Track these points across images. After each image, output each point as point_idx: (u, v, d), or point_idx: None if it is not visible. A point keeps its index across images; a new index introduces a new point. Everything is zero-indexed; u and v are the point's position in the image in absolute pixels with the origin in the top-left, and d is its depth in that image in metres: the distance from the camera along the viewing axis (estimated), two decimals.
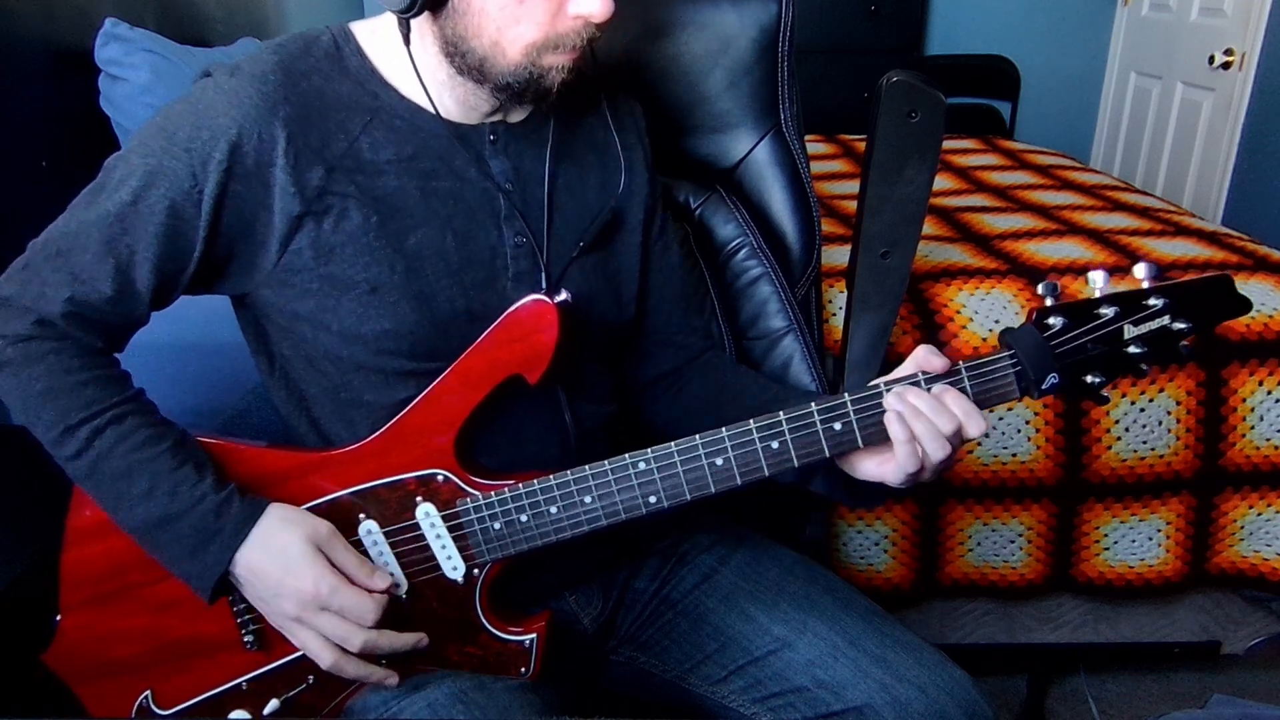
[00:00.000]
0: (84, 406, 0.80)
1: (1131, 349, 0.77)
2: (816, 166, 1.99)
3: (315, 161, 0.82)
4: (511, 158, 0.90)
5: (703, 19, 1.17)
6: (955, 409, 0.77)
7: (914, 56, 3.49)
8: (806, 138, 1.26)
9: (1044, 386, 0.77)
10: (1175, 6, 3.19)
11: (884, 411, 0.79)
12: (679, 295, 1.02)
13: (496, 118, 0.89)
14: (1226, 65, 2.87)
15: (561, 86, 0.84)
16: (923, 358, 0.80)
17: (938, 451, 0.77)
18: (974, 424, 0.77)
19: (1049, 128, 3.64)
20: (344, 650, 0.82)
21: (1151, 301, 0.76)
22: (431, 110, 0.86)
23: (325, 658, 0.82)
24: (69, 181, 0.86)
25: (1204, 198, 3.02)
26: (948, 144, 2.69)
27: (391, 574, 0.85)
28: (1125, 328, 0.77)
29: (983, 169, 2.42)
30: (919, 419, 0.77)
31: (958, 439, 0.78)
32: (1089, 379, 0.78)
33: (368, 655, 0.83)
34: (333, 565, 0.81)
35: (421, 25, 0.83)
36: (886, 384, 0.79)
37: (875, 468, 0.83)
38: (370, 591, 0.82)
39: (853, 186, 1.75)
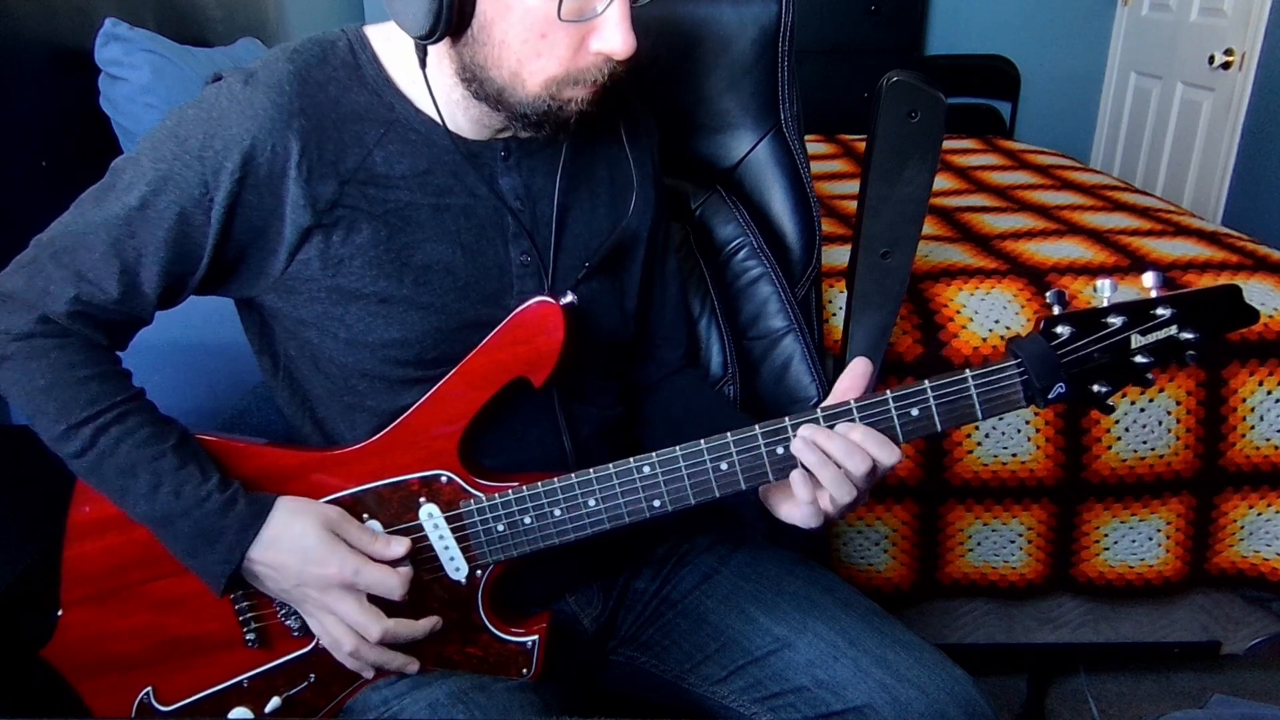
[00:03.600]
0: (88, 404, 0.80)
1: (1138, 359, 0.76)
2: (816, 166, 1.99)
3: (328, 175, 0.82)
4: (523, 175, 0.89)
5: (703, 19, 1.17)
6: (868, 446, 0.77)
7: (914, 56, 3.49)
8: (806, 138, 1.26)
9: (1050, 396, 0.77)
10: (1175, 6, 3.19)
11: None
12: (669, 304, 1.03)
13: (509, 133, 0.88)
14: (1226, 65, 2.87)
15: (579, 118, 0.83)
16: (847, 381, 0.80)
17: (843, 496, 0.78)
18: (887, 454, 0.77)
19: (1049, 128, 3.64)
20: (363, 638, 0.83)
21: (1159, 311, 0.76)
22: (444, 127, 0.85)
23: (346, 643, 0.83)
24: (69, 181, 0.86)
25: (1204, 198, 3.02)
26: (948, 144, 2.69)
27: (406, 540, 0.85)
28: (1133, 337, 0.76)
29: (983, 169, 2.42)
30: (826, 467, 0.77)
31: (872, 478, 0.78)
32: (1096, 388, 0.77)
33: (387, 642, 0.83)
34: (351, 546, 0.82)
35: (439, 48, 0.82)
36: (792, 420, 0.79)
37: (785, 509, 0.84)
38: (393, 565, 0.83)
39: (853, 186, 1.75)
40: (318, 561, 0.80)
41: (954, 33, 3.65)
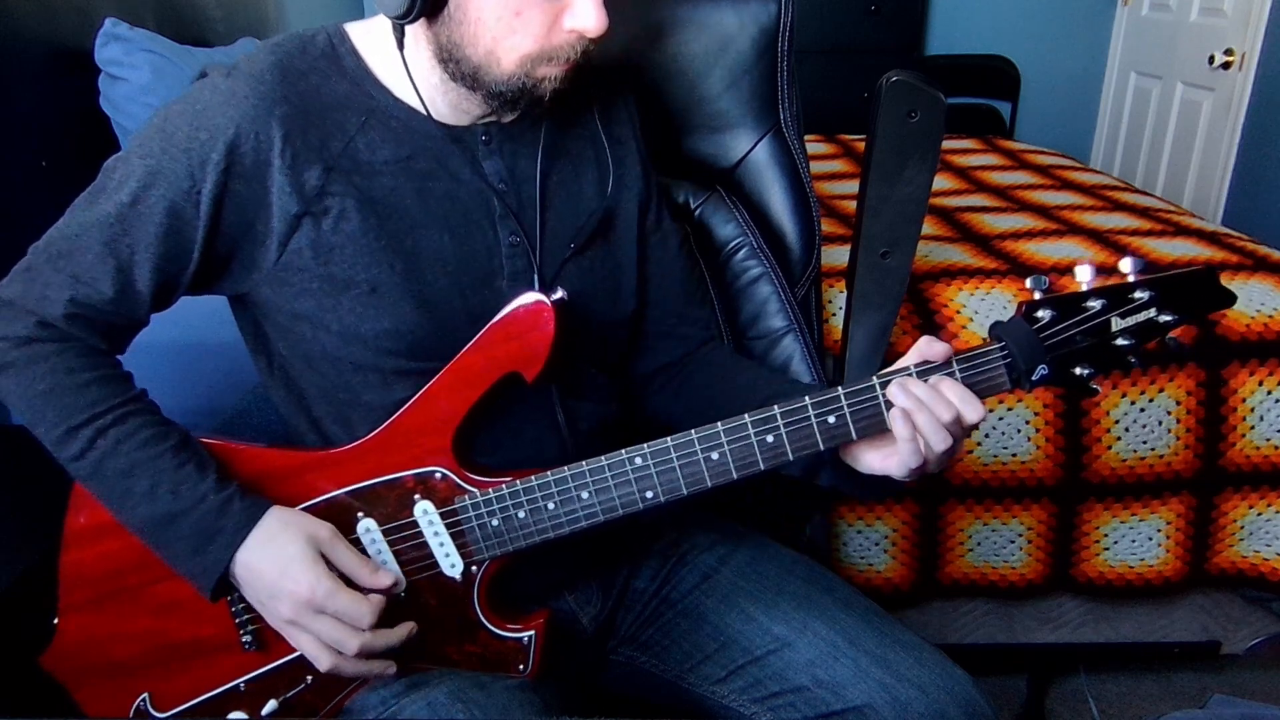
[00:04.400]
0: (87, 407, 0.81)
1: (1119, 341, 0.78)
2: (816, 166, 1.99)
3: (313, 161, 0.82)
4: (505, 158, 0.90)
5: (703, 19, 1.17)
6: (951, 396, 0.77)
7: (914, 56, 3.50)
8: (806, 138, 1.26)
9: (1034, 378, 0.78)
10: (1175, 6, 3.19)
11: (878, 404, 0.79)
12: (678, 286, 1.02)
13: (489, 119, 0.90)
14: (1226, 65, 2.87)
15: (554, 95, 0.84)
16: (924, 347, 0.80)
17: (939, 443, 0.77)
18: (971, 409, 0.77)
19: (1049, 128, 3.64)
20: (340, 653, 0.82)
21: (1137, 294, 0.77)
22: (425, 113, 0.86)
23: (323, 660, 0.82)
24: (69, 181, 0.86)
25: (1204, 198, 3.02)
26: (948, 144, 2.69)
27: (394, 572, 0.85)
28: (1113, 320, 0.78)
29: (983, 169, 2.42)
30: (921, 411, 0.77)
31: (958, 427, 0.78)
32: (1078, 371, 0.78)
33: (364, 655, 0.83)
34: (331, 568, 0.81)
35: (416, 30, 0.83)
36: (880, 379, 0.79)
37: (879, 462, 0.83)
38: (371, 592, 0.82)
39: (853, 186, 1.75)
40: (292, 577, 0.80)
41: (954, 33, 3.66)
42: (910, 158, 1.16)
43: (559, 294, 0.85)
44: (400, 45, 0.83)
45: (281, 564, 0.80)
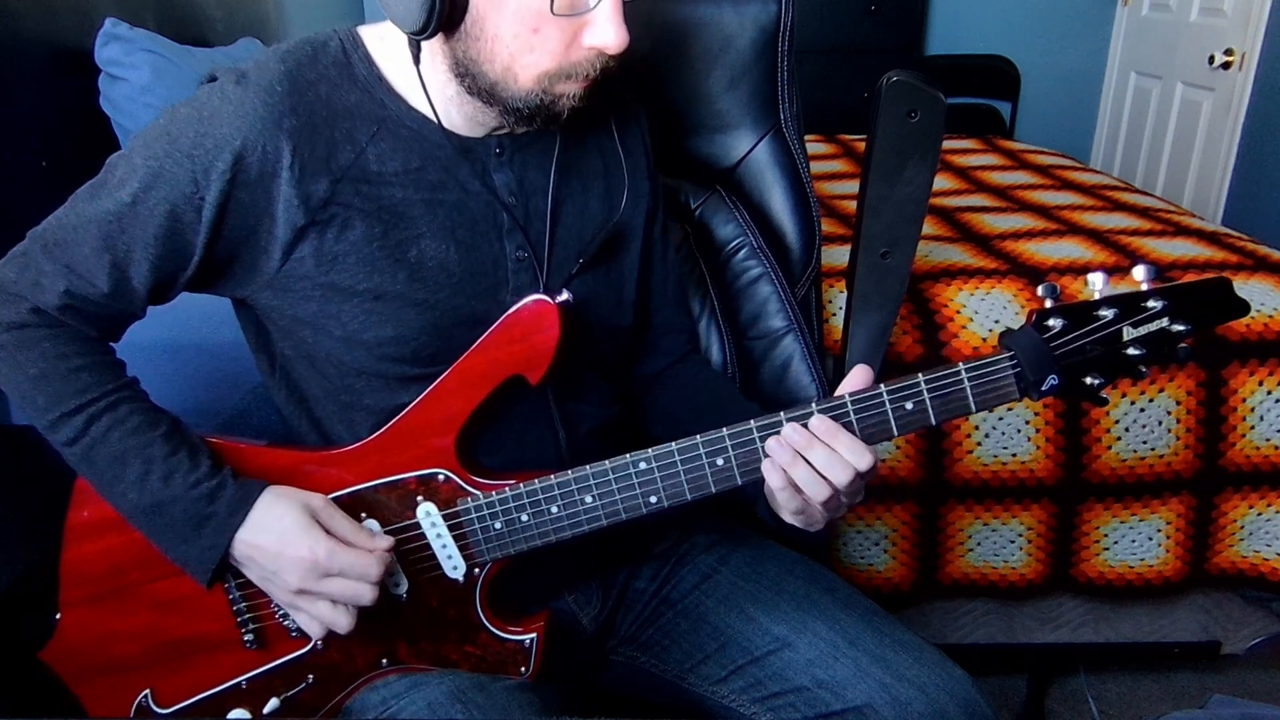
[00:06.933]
0: (79, 393, 0.81)
1: (1130, 350, 0.77)
2: (816, 166, 1.99)
3: (321, 173, 0.82)
4: (516, 170, 0.89)
5: (703, 19, 1.17)
6: (836, 445, 0.76)
7: (914, 56, 3.49)
8: (806, 138, 1.26)
9: (1043, 388, 0.77)
10: (1175, 6, 3.19)
11: (756, 450, 0.79)
12: (670, 295, 1.03)
13: (502, 130, 0.89)
14: (1226, 65, 2.87)
15: (571, 112, 0.83)
16: (856, 378, 0.79)
17: (818, 493, 0.77)
18: (858, 456, 0.76)
19: (1049, 128, 3.64)
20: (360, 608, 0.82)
21: (1150, 304, 0.76)
22: (437, 122, 0.85)
23: (342, 623, 0.82)
24: (69, 181, 0.86)
25: (1204, 198, 3.02)
26: (948, 144, 2.69)
27: (389, 538, 0.84)
28: (1124, 329, 0.77)
29: (983, 169, 2.42)
30: (796, 464, 0.77)
31: (847, 478, 0.76)
32: (1088, 380, 0.78)
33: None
34: (329, 532, 0.82)
35: (432, 44, 0.82)
36: (787, 416, 0.78)
37: (788, 514, 0.82)
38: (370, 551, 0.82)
39: (853, 186, 1.75)
40: (292, 544, 0.80)
41: (954, 33, 3.65)
42: (910, 158, 1.16)
43: (564, 296, 0.85)
44: (416, 60, 0.82)
45: (279, 534, 0.80)
